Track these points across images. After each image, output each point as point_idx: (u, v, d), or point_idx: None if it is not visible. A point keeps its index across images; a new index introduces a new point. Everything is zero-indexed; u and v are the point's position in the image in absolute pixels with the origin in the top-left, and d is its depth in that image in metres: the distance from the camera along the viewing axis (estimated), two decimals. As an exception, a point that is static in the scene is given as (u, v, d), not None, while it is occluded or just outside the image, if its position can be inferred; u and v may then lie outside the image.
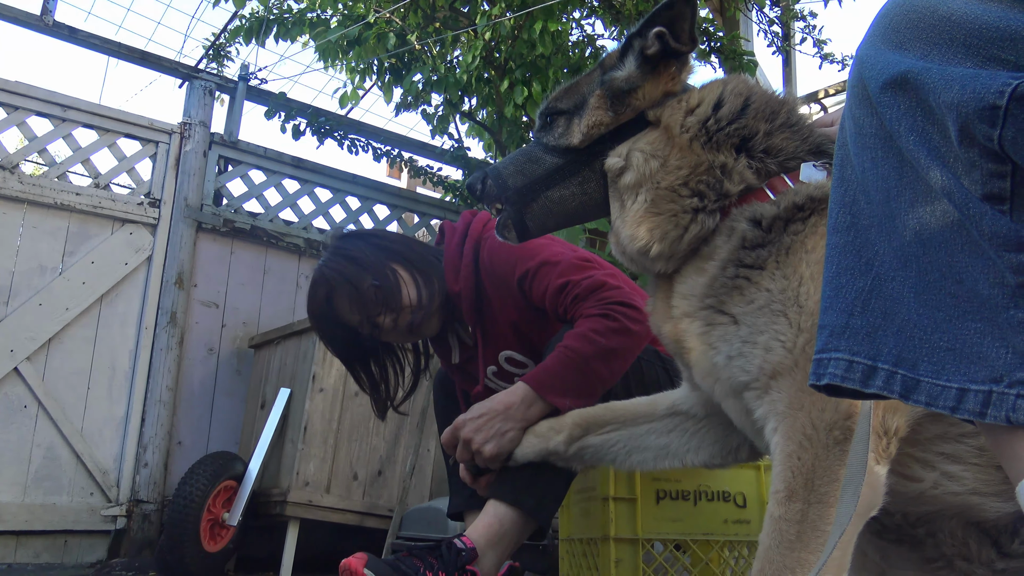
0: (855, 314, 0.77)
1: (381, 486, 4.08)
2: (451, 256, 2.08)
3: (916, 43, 0.71)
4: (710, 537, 2.18)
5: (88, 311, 4.32)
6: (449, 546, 1.69)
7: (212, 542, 3.68)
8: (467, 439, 1.77)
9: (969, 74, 0.66)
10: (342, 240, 2.18)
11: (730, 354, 1.21)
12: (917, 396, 0.72)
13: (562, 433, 1.65)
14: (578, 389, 1.77)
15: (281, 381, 4.13)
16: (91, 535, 4.17)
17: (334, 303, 2.07)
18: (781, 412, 1.14)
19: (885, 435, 1.10)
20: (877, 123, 0.74)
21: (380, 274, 2.04)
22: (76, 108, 4.45)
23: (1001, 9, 0.66)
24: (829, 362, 0.79)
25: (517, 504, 1.77)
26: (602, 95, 1.41)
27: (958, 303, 0.69)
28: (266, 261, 4.93)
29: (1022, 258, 0.65)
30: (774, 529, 1.09)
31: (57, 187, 4.32)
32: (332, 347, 2.19)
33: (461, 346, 2.22)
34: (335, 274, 2.05)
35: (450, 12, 4.87)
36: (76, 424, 4.20)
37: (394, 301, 2.03)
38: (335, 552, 4.39)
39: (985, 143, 0.64)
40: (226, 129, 5.01)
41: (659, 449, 1.56)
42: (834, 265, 0.80)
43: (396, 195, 5.60)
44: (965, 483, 1.17)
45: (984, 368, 0.67)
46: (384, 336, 2.12)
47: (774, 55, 5.34)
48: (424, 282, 2.08)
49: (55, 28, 4.68)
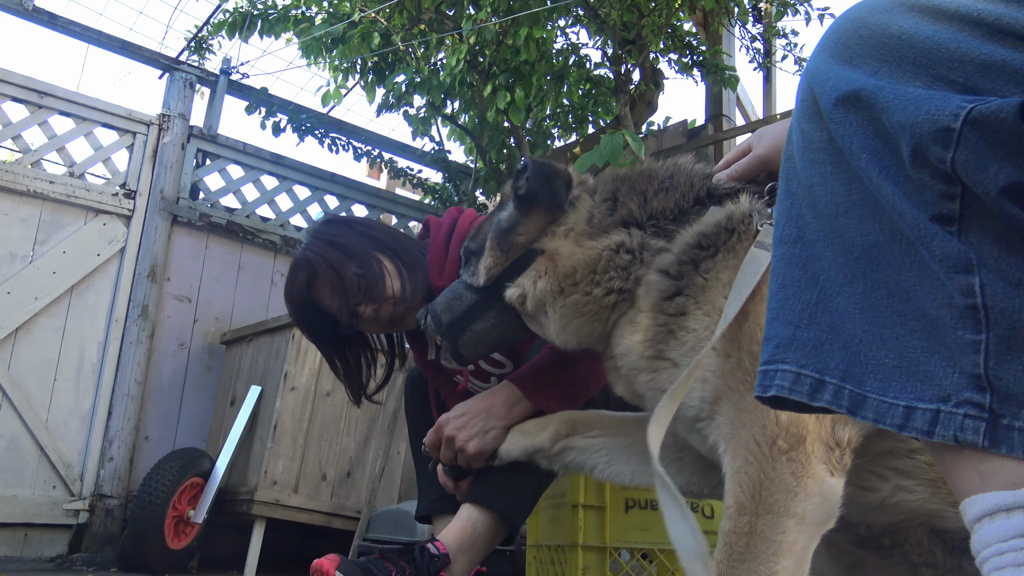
0: (802, 326, 0.77)
1: (350, 487, 4.06)
2: (436, 251, 2.05)
3: (867, 60, 0.71)
4: (677, 547, 2.19)
5: (58, 301, 4.26)
6: (422, 550, 1.68)
7: (176, 539, 3.64)
8: (450, 437, 1.76)
9: (922, 95, 0.66)
10: (326, 225, 2.13)
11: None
12: (864, 412, 0.71)
13: (548, 429, 1.66)
14: (562, 392, 1.77)
15: (252, 378, 4.10)
16: (52, 529, 4.11)
17: (315, 288, 2.02)
18: (727, 433, 1.18)
19: (837, 447, 1.12)
20: (827, 138, 0.74)
21: (365, 263, 1.99)
22: (53, 95, 4.39)
23: (951, 31, 0.67)
24: (776, 373, 0.78)
25: (490, 507, 1.77)
26: (492, 238, 1.53)
27: (905, 321, 0.69)
28: (241, 257, 4.89)
29: (971, 280, 0.65)
30: (724, 543, 1.11)
31: (31, 174, 4.26)
32: (308, 333, 2.15)
33: (438, 346, 2.21)
34: (318, 259, 1.99)
35: (436, 14, 4.87)
36: (41, 415, 4.14)
37: (377, 291, 1.98)
38: (301, 552, 4.37)
39: (937, 165, 0.65)
40: (205, 122, 4.97)
41: (639, 465, 1.59)
42: (780, 277, 0.79)
43: (375, 195, 5.58)
44: (919, 495, 1.20)
45: (931, 387, 0.67)
46: (363, 326, 2.07)
47: (755, 71, 5.38)
48: (408, 274, 2.04)
49: (35, 13, 4.62)
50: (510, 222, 1.49)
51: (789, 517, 1.07)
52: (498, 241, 1.51)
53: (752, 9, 5.23)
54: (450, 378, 2.20)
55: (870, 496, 1.21)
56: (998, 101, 0.63)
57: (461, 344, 1.60)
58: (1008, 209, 0.63)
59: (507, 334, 1.59)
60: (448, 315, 1.60)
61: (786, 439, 1.10)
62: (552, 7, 4.38)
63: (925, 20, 0.69)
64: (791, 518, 1.07)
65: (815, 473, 1.09)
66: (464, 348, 1.61)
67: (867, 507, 1.22)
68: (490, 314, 1.56)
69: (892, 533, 1.25)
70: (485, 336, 1.59)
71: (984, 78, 0.65)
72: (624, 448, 1.60)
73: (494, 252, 1.52)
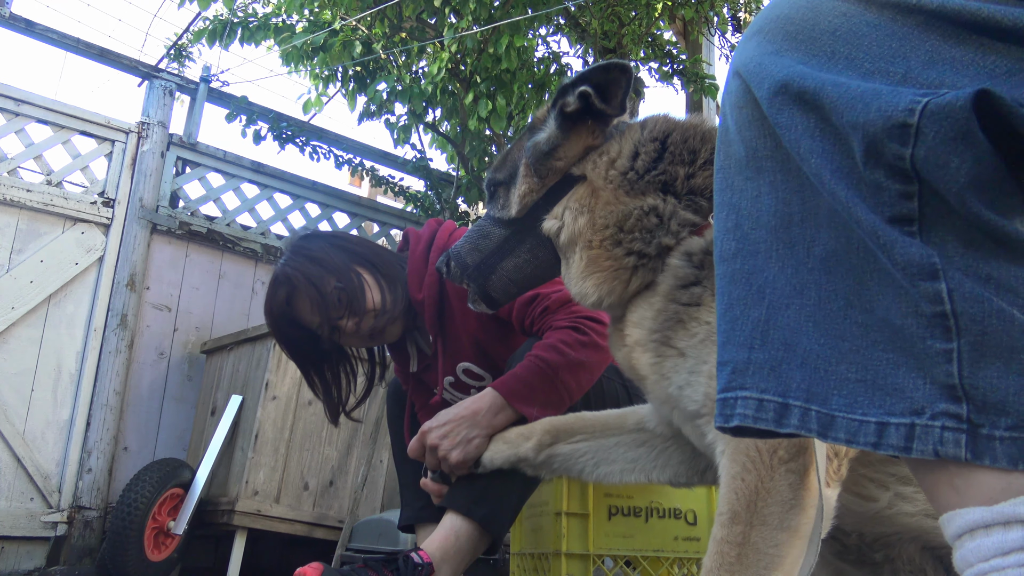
0: (755, 347, 0.72)
1: (332, 497, 4.03)
2: (415, 263, 2.06)
3: (797, 51, 0.68)
4: (660, 554, 2.19)
5: (35, 311, 4.21)
6: (406, 560, 1.68)
7: (156, 551, 3.60)
8: (433, 445, 1.76)
9: (869, 90, 0.63)
10: (304, 240, 2.12)
11: (680, 384, 1.23)
12: (835, 433, 0.67)
13: (531, 440, 1.64)
14: (546, 399, 1.77)
15: (233, 388, 4.07)
16: (29, 542, 4.05)
17: (295, 304, 2.02)
18: (727, 436, 1.14)
19: (836, 456, 1.10)
20: (773, 144, 0.71)
21: (344, 277, 2.00)
22: (30, 103, 4.35)
23: (884, 19, 0.65)
24: (736, 401, 0.73)
25: (471, 516, 1.77)
26: (527, 164, 1.43)
27: (867, 333, 0.66)
28: (222, 265, 4.86)
29: (937, 287, 0.62)
30: (716, 551, 1.09)
31: (7, 183, 4.21)
32: (287, 349, 2.15)
33: (420, 355, 2.21)
34: (298, 275, 1.99)
35: (417, 23, 4.88)
36: (18, 426, 4.08)
37: (358, 305, 1.99)
38: (282, 563, 4.34)
39: (895, 163, 0.62)
40: (185, 130, 4.94)
41: (627, 463, 1.56)
42: (726, 296, 0.75)
43: (356, 203, 5.57)
44: (918, 504, 1.18)
45: (902, 400, 0.64)
46: (344, 340, 2.08)
47: (735, 79, 5.42)
48: (388, 287, 2.05)
49: (12, 20, 4.58)
50: (550, 144, 1.40)
51: (784, 531, 1.06)
52: (535, 166, 1.41)
53: (731, 19, 5.28)
54: (428, 391, 2.19)
55: (868, 505, 1.20)
56: (952, 93, 0.61)
57: (491, 285, 1.51)
58: (971, 205, 0.61)
59: (541, 270, 1.49)
60: (475, 255, 1.51)
61: (787, 448, 1.08)
62: (533, 16, 4.40)
63: (855, 6, 0.66)
64: (786, 531, 1.06)
65: (812, 486, 1.07)
66: (495, 289, 1.51)
67: (864, 516, 1.21)
68: (522, 249, 1.47)
69: (885, 547, 1.23)
70: (517, 274, 1.49)
71: (930, 70, 0.63)
72: (609, 450, 1.58)
73: (530, 178, 1.43)
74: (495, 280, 1.50)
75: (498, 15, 4.40)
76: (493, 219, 1.50)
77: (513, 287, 1.52)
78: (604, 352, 1.82)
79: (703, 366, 1.19)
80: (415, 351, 2.21)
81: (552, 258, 1.45)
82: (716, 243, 0.77)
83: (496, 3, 4.54)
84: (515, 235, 1.46)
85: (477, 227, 1.54)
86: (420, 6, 4.68)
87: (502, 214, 1.48)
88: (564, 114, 1.38)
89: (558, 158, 1.40)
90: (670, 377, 1.24)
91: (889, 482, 1.18)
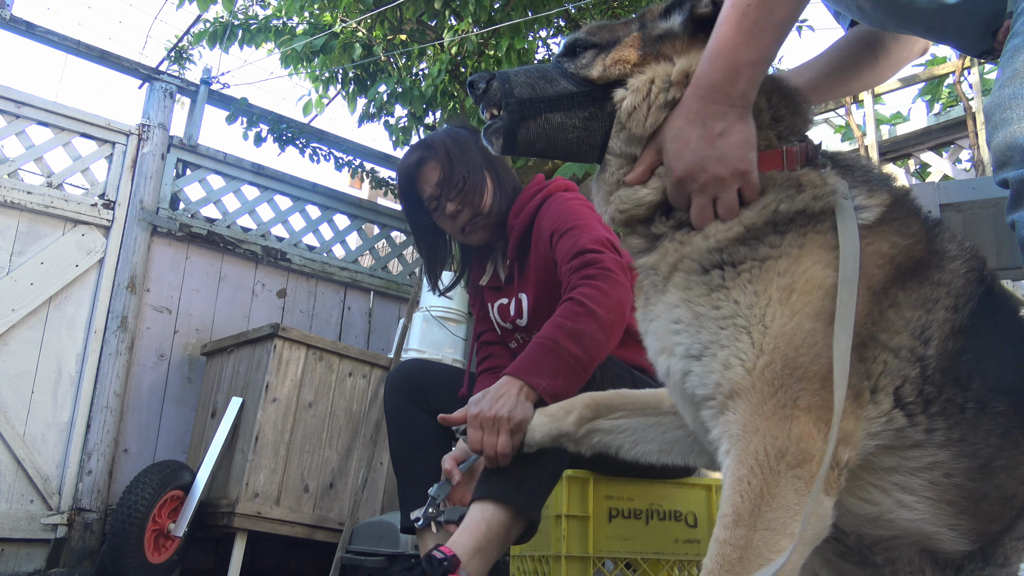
0: None
1: (332, 499, 4.03)
2: (524, 197, 2.28)
3: None
4: (660, 556, 2.19)
5: (35, 313, 4.22)
6: (429, 559, 1.67)
7: (156, 553, 3.60)
8: (492, 416, 1.72)
9: None
10: (460, 128, 2.39)
11: (688, 355, 1.22)
12: None
13: (573, 413, 1.63)
14: (553, 368, 1.78)
15: (233, 390, 4.07)
16: (29, 544, 4.05)
17: (423, 167, 2.24)
18: (735, 435, 1.13)
19: (836, 466, 1.10)
20: None
21: (475, 171, 2.23)
22: (31, 105, 4.36)
23: None
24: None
25: (507, 502, 1.76)
26: (639, 36, 1.40)
27: None
28: (222, 267, 4.86)
29: None
30: (717, 553, 1.08)
31: (7, 185, 4.21)
32: (403, 203, 2.37)
33: (493, 275, 2.39)
34: (440, 146, 2.24)
35: (417, 25, 4.88)
36: (18, 428, 4.08)
37: (470, 198, 2.21)
38: (282, 565, 4.34)
39: None
40: (186, 132, 4.94)
41: (664, 443, 1.56)
42: None
43: (357, 205, 5.57)
44: (918, 512, 1.18)
45: None
46: (439, 219, 2.28)
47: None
48: (499, 199, 2.28)
49: (12, 23, 4.58)
50: (668, 32, 1.38)
51: (787, 537, 1.05)
52: (644, 43, 1.38)
53: (731, 20, 5.29)
54: (485, 316, 2.39)
55: (869, 508, 1.19)
56: None
57: (525, 127, 1.43)
58: None
59: (579, 146, 1.42)
60: (526, 90, 1.43)
61: (795, 455, 1.07)
62: (533, 18, 4.41)
63: None
64: (788, 538, 1.05)
65: (814, 494, 1.06)
66: (525, 133, 1.43)
67: (864, 519, 1.20)
68: (580, 113, 1.40)
69: (886, 549, 1.23)
70: (560, 133, 1.42)
71: None
72: (648, 428, 1.57)
73: (631, 50, 1.38)
74: (533, 125, 1.43)
75: (498, 17, 4.40)
76: (564, 71, 1.44)
77: (542, 142, 1.45)
78: (600, 321, 1.84)
79: (720, 350, 1.16)
80: (492, 268, 2.39)
81: (598, 138, 1.40)
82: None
83: (496, 5, 4.55)
84: (581, 95, 1.40)
85: (539, 68, 1.47)
86: (420, 8, 4.68)
87: (579, 70, 1.42)
88: (693, 15, 1.37)
89: (667, 47, 1.38)
90: (680, 334, 1.23)
91: (891, 489, 1.18)
